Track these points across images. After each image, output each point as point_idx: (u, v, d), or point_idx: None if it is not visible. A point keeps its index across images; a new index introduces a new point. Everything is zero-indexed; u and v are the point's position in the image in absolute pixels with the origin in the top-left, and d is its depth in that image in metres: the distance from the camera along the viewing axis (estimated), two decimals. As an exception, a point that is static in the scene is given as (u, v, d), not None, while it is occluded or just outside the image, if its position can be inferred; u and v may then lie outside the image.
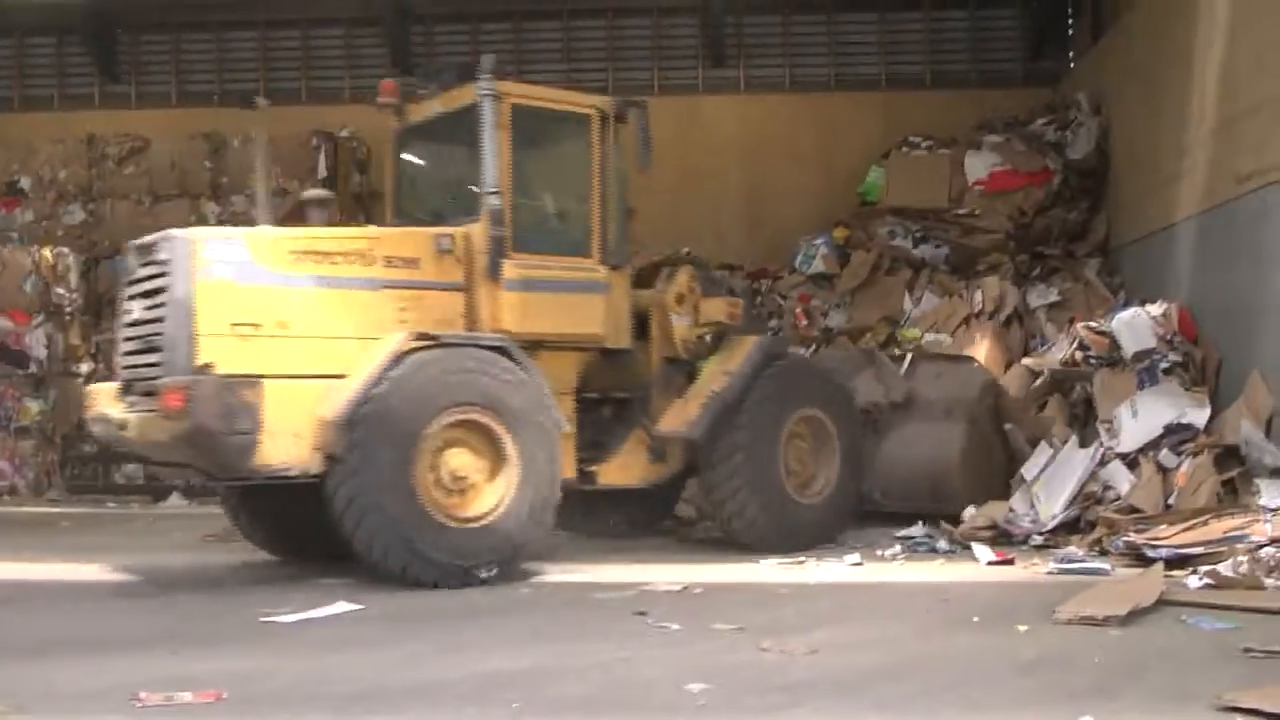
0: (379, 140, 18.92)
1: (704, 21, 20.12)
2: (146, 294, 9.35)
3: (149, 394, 9.08)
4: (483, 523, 9.24)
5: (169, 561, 10.88)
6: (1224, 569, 8.59)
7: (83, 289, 18.51)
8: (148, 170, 19.19)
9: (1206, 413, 11.61)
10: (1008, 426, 13.09)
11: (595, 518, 12.12)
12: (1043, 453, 12.11)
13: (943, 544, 11.16)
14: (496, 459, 9.40)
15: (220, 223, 18.45)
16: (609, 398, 11.21)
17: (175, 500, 16.87)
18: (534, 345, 10.08)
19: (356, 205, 19.07)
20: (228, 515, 10.92)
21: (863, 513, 12.14)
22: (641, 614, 7.80)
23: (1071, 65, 19.39)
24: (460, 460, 9.26)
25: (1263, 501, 10.00)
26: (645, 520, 12.60)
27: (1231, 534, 9.37)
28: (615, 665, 6.32)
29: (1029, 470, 11.98)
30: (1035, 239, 16.63)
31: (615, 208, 10.75)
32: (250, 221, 18.26)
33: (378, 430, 8.82)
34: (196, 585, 9.50)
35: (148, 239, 9.62)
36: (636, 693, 5.83)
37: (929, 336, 15.54)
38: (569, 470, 10.16)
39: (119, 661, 6.59)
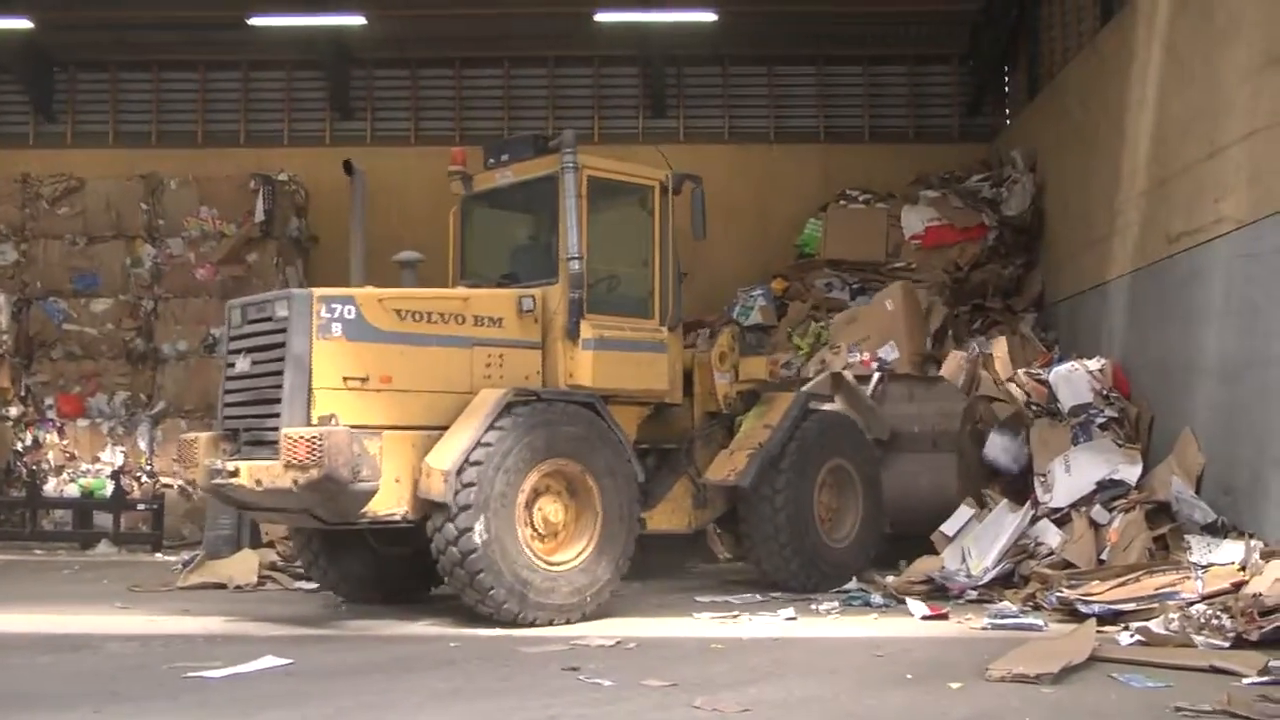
0: (317, 184, 19.08)
1: (644, 71, 20.29)
2: (257, 349, 9.86)
3: (261, 443, 9.65)
4: (570, 566, 9.92)
5: (96, 613, 10.66)
6: (1155, 626, 8.63)
7: (14, 330, 18.28)
8: (82, 211, 18.96)
9: (1138, 469, 11.74)
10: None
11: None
12: (963, 512, 12.22)
13: (877, 598, 11.17)
14: (581, 507, 10.13)
15: (156, 265, 18.33)
16: (656, 448, 11.75)
17: (104, 548, 16.60)
18: (604, 399, 10.65)
19: (294, 249, 18.97)
20: (304, 562, 11.42)
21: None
22: (572, 669, 7.71)
23: (1008, 122, 19.64)
24: (551, 508, 10.00)
25: (1193, 558, 10.09)
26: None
27: (1163, 590, 9.43)
28: (543, 723, 6.24)
29: (949, 527, 12.13)
30: (971, 293, 16.77)
31: (672, 272, 11.39)
32: (186, 265, 18.34)
33: (485, 479, 9.41)
34: (124, 638, 9.27)
35: (261, 296, 10.34)
36: (564, 753, 5.75)
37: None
38: None
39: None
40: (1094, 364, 13.31)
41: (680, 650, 8.68)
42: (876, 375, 14.35)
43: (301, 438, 9.08)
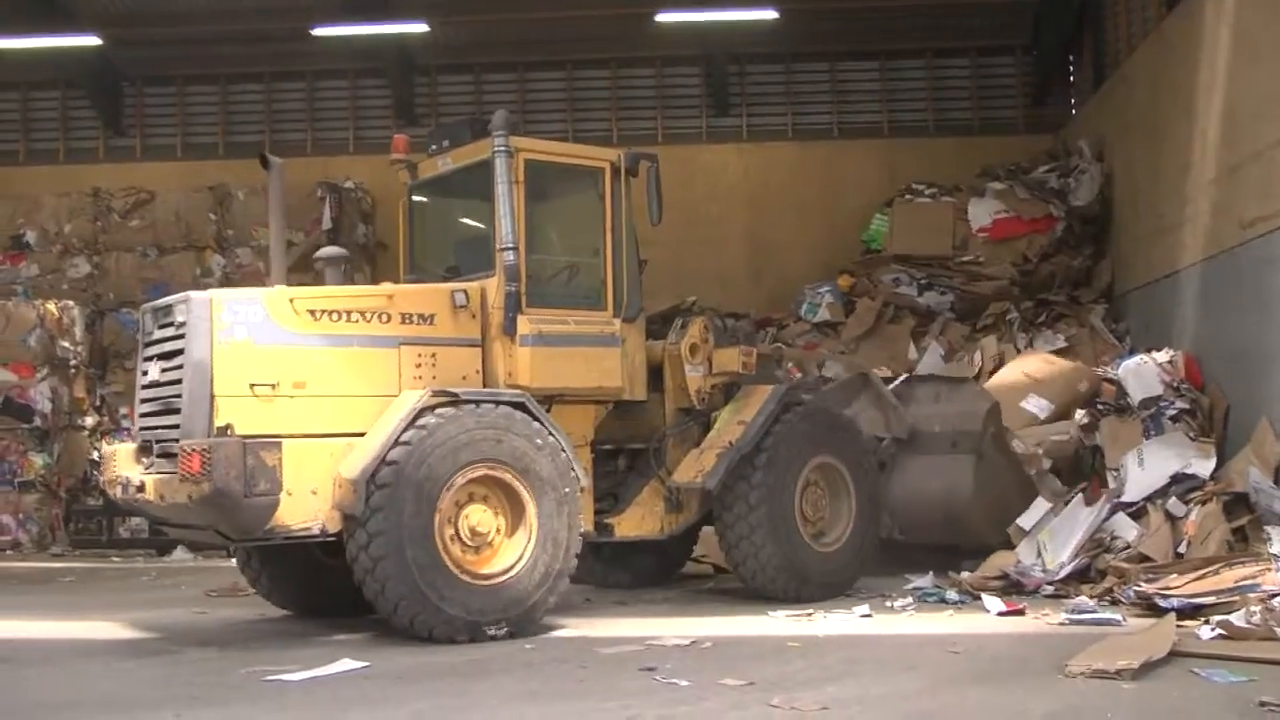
0: (384, 191, 19.25)
1: (707, 71, 20.26)
2: (164, 355, 9.39)
3: (167, 455, 9.12)
4: (497, 580, 9.19)
5: (174, 618, 10.77)
6: (1236, 619, 8.50)
7: (88, 342, 18.56)
8: (153, 223, 19.28)
9: (1212, 463, 11.57)
10: (1035, 474, 13.03)
11: (608, 569, 12.14)
12: (1040, 504, 12.06)
13: (953, 594, 11.05)
14: (515, 516, 9.38)
15: (226, 275, 18.55)
16: (624, 449, 11.22)
17: (180, 554, 16.79)
18: (550, 399, 10.13)
19: (362, 256, 19.13)
20: (245, 576, 10.81)
21: (883, 548, 12.10)
22: (649, 670, 7.72)
23: (1073, 112, 19.46)
24: (479, 517, 9.26)
25: (1274, 550, 9.93)
26: (659, 571, 12.58)
27: (1243, 583, 9.29)
28: (621, 725, 6.26)
29: (1026, 520, 11.92)
30: (1039, 285, 16.64)
31: (627, 261, 10.71)
32: (256, 274, 18.53)
33: (397, 490, 8.79)
34: (202, 642, 9.39)
35: (164, 301, 9.65)
36: (644, 753, 5.77)
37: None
38: (586, 523, 10.11)
39: (123, 724, 6.53)
40: (1163, 356, 13.15)
41: (756, 649, 8.66)
42: (903, 376, 13.87)
43: (194, 450, 8.63)
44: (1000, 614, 10.00)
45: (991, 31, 20.06)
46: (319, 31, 18.91)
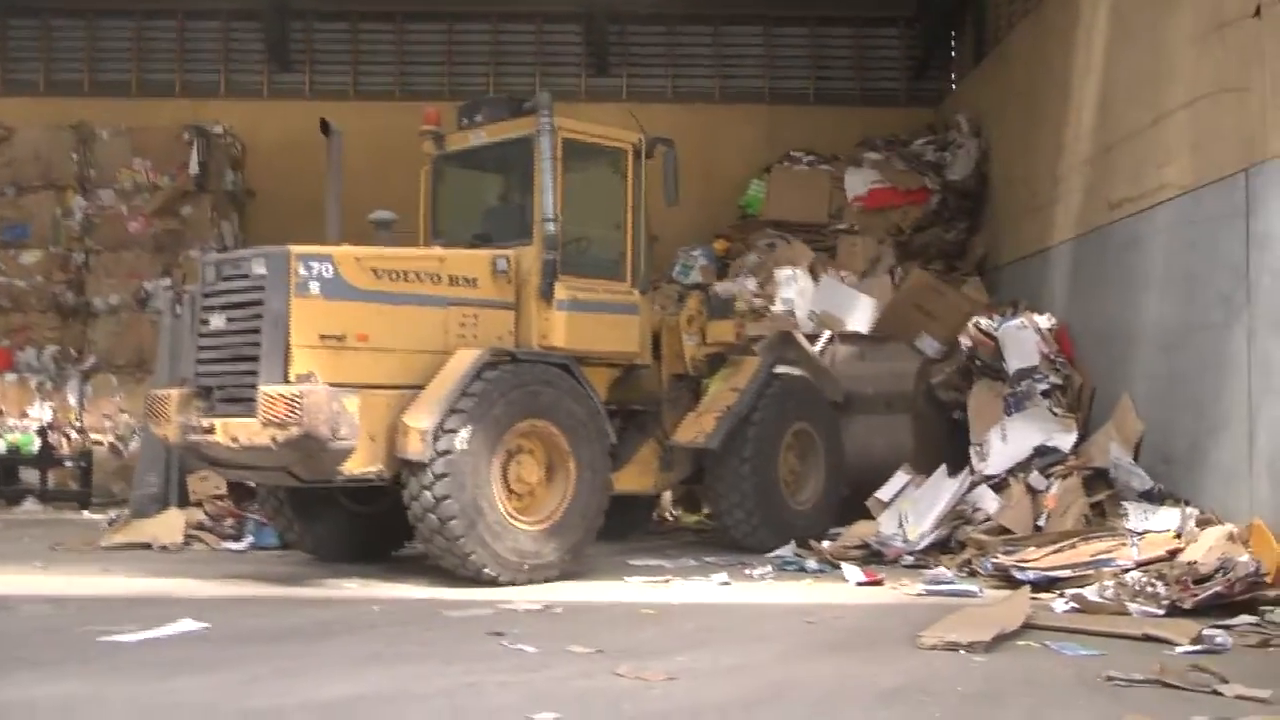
0: (255, 137, 18.77)
1: (588, 29, 19.99)
2: (231, 306, 9.79)
3: (234, 400, 9.56)
4: (545, 525, 9.95)
5: (14, 572, 10.38)
6: (1090, 593, 8.56)
7: (-57, 278, 17.88)
8: (11, 160, 18.56)
9: (1073, 438, 11.69)
10: (959, 412, 13.41)
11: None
12: (899, 478, 12.14)
13: (812, 564, 11.06)
14: (554, 467, 10.16)
15: (87, 217, 17.97)
16: (623, 410, 11.71)
17: (29, 505, 16.27)
18: (577, 361, 10.67)
19: (230, 203, 18.64)
20: (275, 524, 11.42)
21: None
22: (497, 634, 7.52)
23: (953, 87, 19.52)
24: (527, 468, 10.00)
25: (1129, 525, 10.03)
26: (635, 524, 13.29)
27: (1098, 557, 9.38)
28: (461, 691, 6.03)
29: (885, 492, 12.06)
30: (913, 256, 16.67)
31: (643, 235, 11.44)
32: (119, 217, 17.98)
33: (465, 438, 9.41)
34: (39, 599, 8.97)
35: (234, 254, 10.47)
36: (479, 722, 5.58)
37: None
38: None
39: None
40: (1044, 321, 13.22)
41: (609, 616, 8.52)
42: (826, 334, 14.39)
43: (281, 395, 9.02)
44: (859, 584, 10.00)
45: (876, 3, 20.04)
46: (190, -31, 18.30)
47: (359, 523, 11.06)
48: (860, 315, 15.10)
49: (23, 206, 18.37)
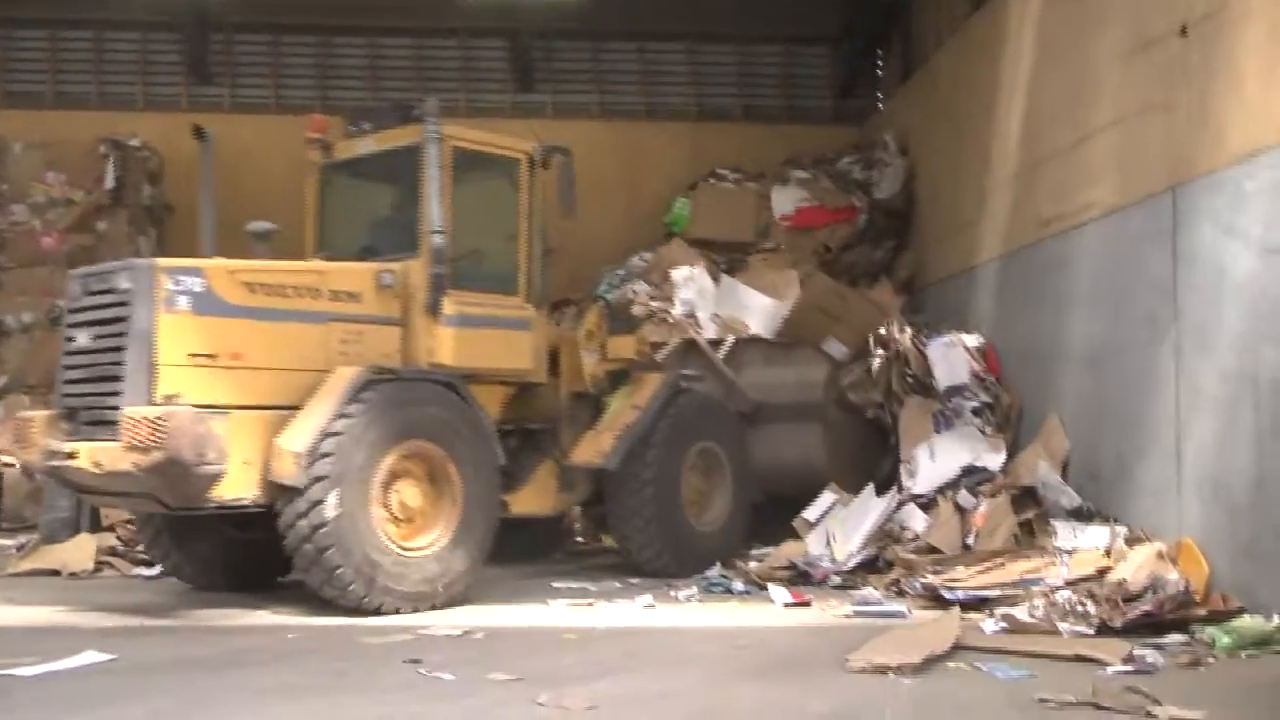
0: (173, 151, 18.32)
1: (513, 45, 19.76)
2: (97, 323, 9.34)
3: (99, 423, 9.09)
4: (427, 552, 9.54)
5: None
6: (1019, 613, 8.47)
7: None
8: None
9: (1002, 457, 11.62)
10: (874, 412, 13.27)
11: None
12: (826, 497, 12.02)
13: (739, 585, 10.92)
14: (439, 490, 9.76)
15: None
16: (520, 429, 11.41)
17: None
18: (466, 380, 10.32)
19: (147, 218, 18.22)
20: (151, 553, 10.99)
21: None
22: (414, 662, 7.29)
23: (880, 106, 19.50)
24: (409, 492, 9.59)
25: (1058, 543, 9.95)
26: (541, 547, 13.02)
27: (1028, 576, 9.31)
28: (374, 723, 5.81)
29: (811, 512, 11.94)
30: (839, 275, 16.55)
31: (538, 248, 11.08)
32: (31, 234, 17.51)
33: (339, 463, 9.02)
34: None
35: (99, 267, 9.77)
36: (392, 756, 5.35)
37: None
38: None
39: None
40: (972, 340, 13.10)
41: (531, 641, 8.34)
42: (730, 339, 14.03)
43: (144, 418, 8.59)
44: (786, 605, 9.87)
45: (802, 21, 19.88)
46: (107, -22, 17.90)
47: (241, 549, 10.48)
48: (763, 317, 14.71)
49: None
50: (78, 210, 17.64)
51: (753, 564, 11.57)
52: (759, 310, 14.83)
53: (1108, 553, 9.37)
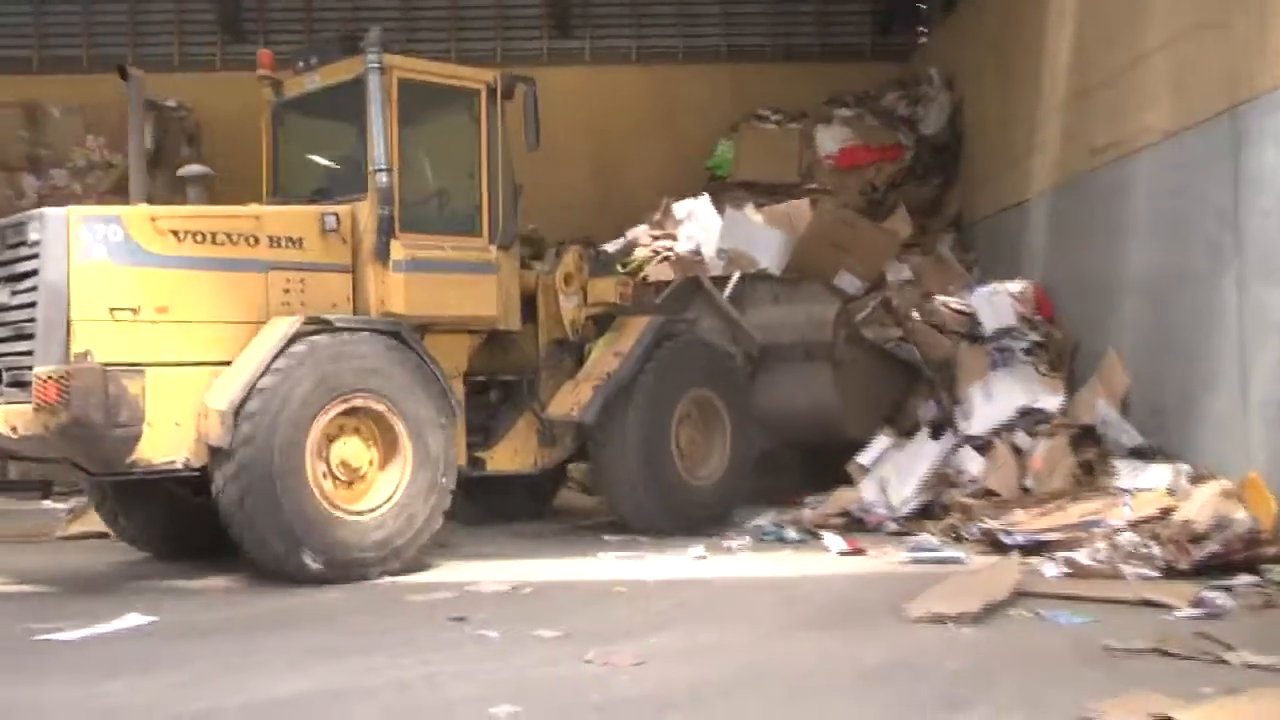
0: (210, 112, 18.21)
1: (548, -11, 19.46)
2: (14, 277, 8.71)
3: (20, 384, 8.49)
4: (376, 514, 8.90)
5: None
6: (1081, 556, 8.20)
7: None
8: (-42, 141, 17.93)
9: (1060, 398, 11.31)
10: (893, 344, 12.72)
11: (473, 506, 11.58)
12: (880, 441, 11.70)
13: (792, 533, 10.68)
14: (388, 449, 9.10)
15: (40, 197, 17.39)
16: (496, 381, 10.94)
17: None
18: (423, 328, 9.76)
19: (177, 180, 18.07)
20: (101, 517, 10.36)
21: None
22: (459, 619, 7.12)
23: (922, 40, 19.07)
24: (351, 450, 8.96)
25: (1120, 483, 9.65)
26: (528, 507, 12.38)
27: (1089, 518, 9.01)
28: (416, 684, 5.62)
29: (865, 457, 11.59)
30: (886, 214, 16.22)
31: (503, 186, 10.29)
32: (73, 196, 17.38)
33: (267, 421, 8.44)
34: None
35: (14, 218, 8.95)
36: (432, 718, 5.16)
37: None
38: (460, 457, 9.84)
39: None
40: (1016, 286, 12.79)
41: (579, 595, 8.13)
42: (736, 275, 13.14)
43: (50, 378, 8.07)
44: (841, 553, 9.64)
45: (841, -45, 19.58)
46: (135, -62, 17.71)
47: (193, 513, 9.65)
48: (771, 251, 13.59)
49: (-30, 188, 17.79)
50: (117, 173, 17.49)
51: (806, 511, 11.30)
52: (767, 243, 13.79)
53: (1171, 492, 9.07)
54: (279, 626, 7.26)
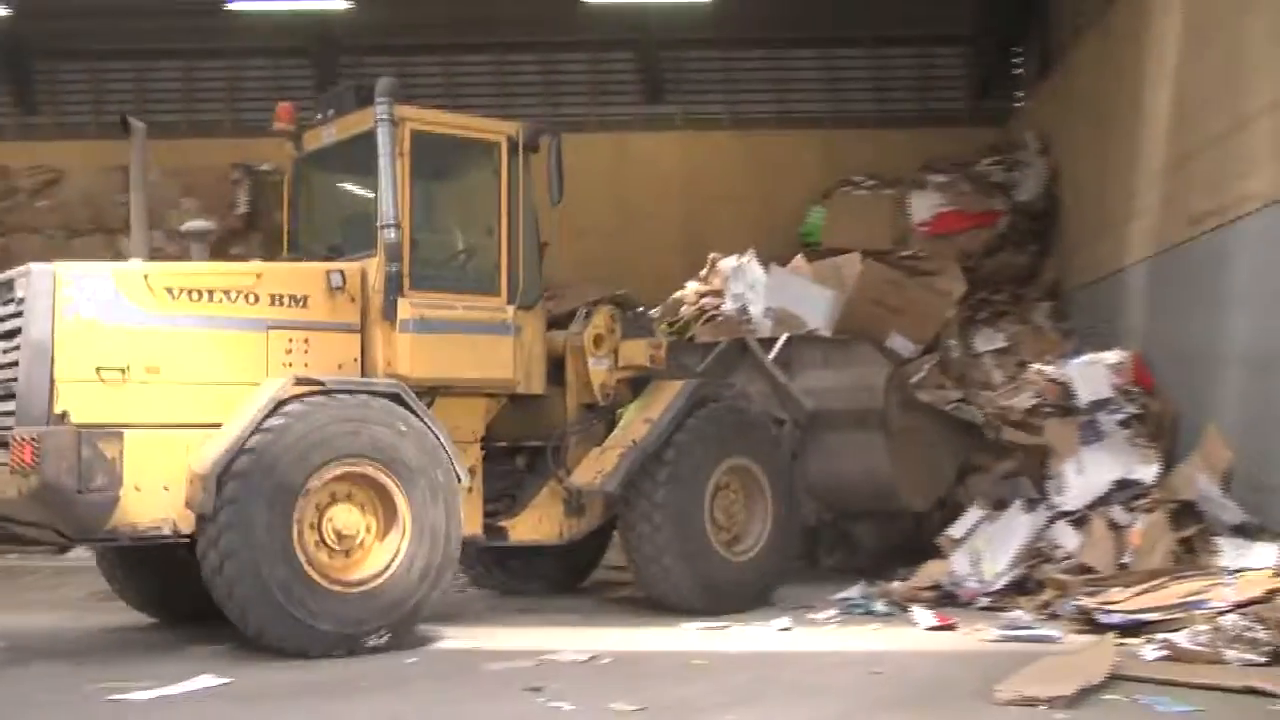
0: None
1: (641, 55, 19.54)
2: (4, 335, 8.50)
3: (4, 445, 8.19)
4: (370, 586, 8.42)
5: (37, 623, 9.96)
6: (1182, 639, 7.83)
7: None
8: (61, 204, 18.32)
9: (1155, 469, 10.92)
10: (952, 405, 12.41)
11: (512, 577, 11.48)
12: (972, 513, 11.39)
13: (880, 606, 10.37)
14: (387, 516, 8.62)
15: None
16: (522, 447, 10.50)
17: (80, 551, 15.82)
18: (434, 391, 9.43)
19: (278, 243, 18.28)
20: (104, 574, 10.06)
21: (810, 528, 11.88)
22: (535, 690, 6.96)
23: (1019, 104, 18.86)
24: (346, 518, 8.50)
25: (1223, 562, 9.28)
26: (565, 577, 11.86)
27: (1190, 599, 8.62)
28: (483, 760, 5.48)
29: (957, 529, 11.25)
30: (981, 282, 15.96)
31: (526, 243, 9.96)
32: (170, 259, 17.61)
33: (252, 486, 8.02)
34: (57, 653, 8.52)
35: (5, 275, 8.74)
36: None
37: None
38: (474, 525, 9.51)
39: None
40: (1112, 357, 12.44)
41: (659, 666, 7.94)
42: (784, 338, 12.43)
43: (26, 440, 7.83)
44: (930, 628, 9.35)
45: (936, 20, 19.36)
46: (234, 6, 18.05)
47: (197, 578, 8.76)
48: (820, 311, 13.10)
49: (73, 250, 18.04)
50: (213, 237, 17.69)
51: (895, 583, 11.01)
52: (814, 302, 13.26)
53: (1278, 573, 8.69)
54: (351, 693, 7.14)
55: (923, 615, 9.67)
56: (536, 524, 10.30)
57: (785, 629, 9.41)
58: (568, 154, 10.07)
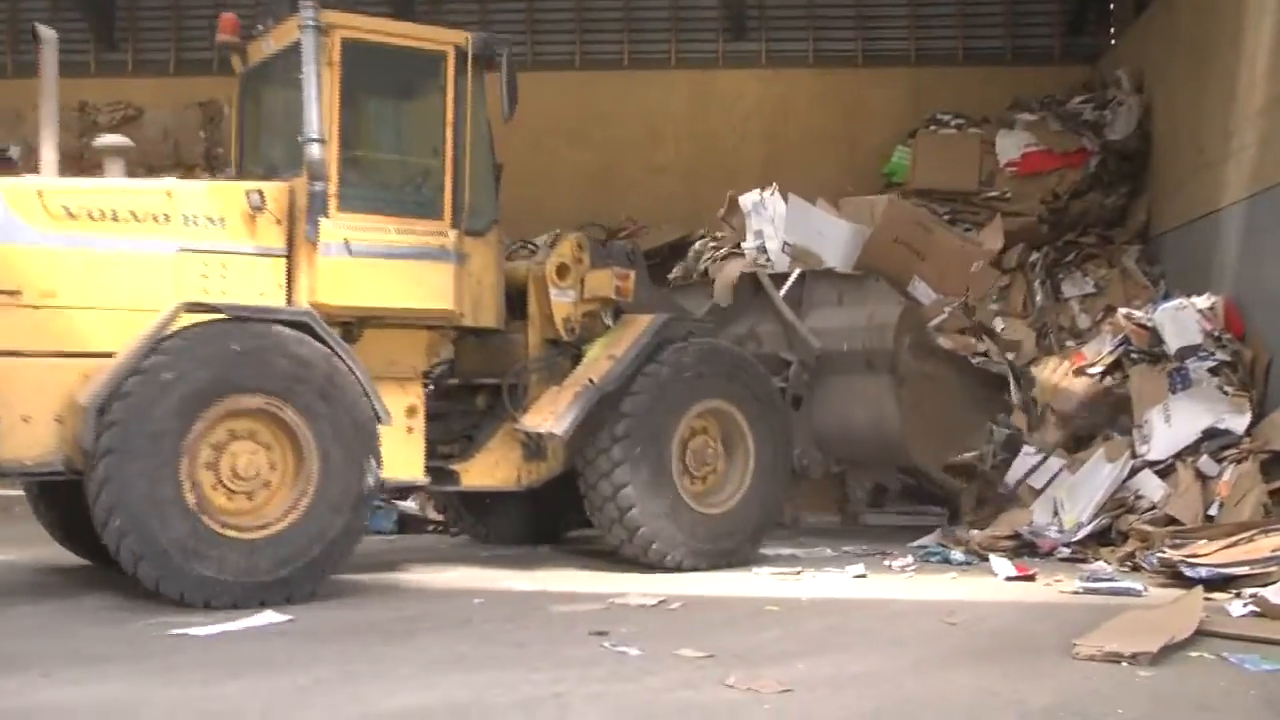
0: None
1: (725, -10, 19.12)
2: None
3: None
4: (273, 530, 7.80)
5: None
6: (1272, 594, 7.55)
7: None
8: (141, 140, 18.25)
9: (1247, 418, 10.57)
10: (979, 357, 11.95)
11: (488, 522, 11.15)
12: (1053, 463, 11.07)
13: (958, 555, 10.18)
14: (296, 457, 7.98)
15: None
16: (482, 385, 9.93)
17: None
18: (363, 321, 8.90)
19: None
20: (35, 512, 9.62)
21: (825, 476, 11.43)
22: (600, 634, 6.82)
23: (1112, 41, 18.29)
24: (246, 458, 7.85)
25: (1316, 515, 8.96)
26: (548, 525, 11.25)
27: (1280, 553, 8.34)
28: (543, 704, 5.31)
29: (1038, 479, 10.94)
30: (1070, 224, 15.54)
31: (478, 164, 9.27)
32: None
33: (136, 422, 7.43)
34: (108, 588, 8.24)
35: None
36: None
37: None
38: (412, 469, 9.01)
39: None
40: (1203, 301, 12.04)
41: (729, 612, 7.79)
42: (796, 273, 11.95)
43: None
44: (1008, 579, 9.13)
45: (1027, -45, 18.88)
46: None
47: None
48: (839, 247, 12.44)
49: (152, 186, 18.19)
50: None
51: (974, 532, 10.76)
52: (835, 237, 12.56)
53: (1374, 526, 8.37)
54: (413, 633, 7.05)
55: (1001, 565, 9.44)
56: (491, 468, 9.65)
57: (860, 576, 9.24)
58: (648, 90, 9.73)
